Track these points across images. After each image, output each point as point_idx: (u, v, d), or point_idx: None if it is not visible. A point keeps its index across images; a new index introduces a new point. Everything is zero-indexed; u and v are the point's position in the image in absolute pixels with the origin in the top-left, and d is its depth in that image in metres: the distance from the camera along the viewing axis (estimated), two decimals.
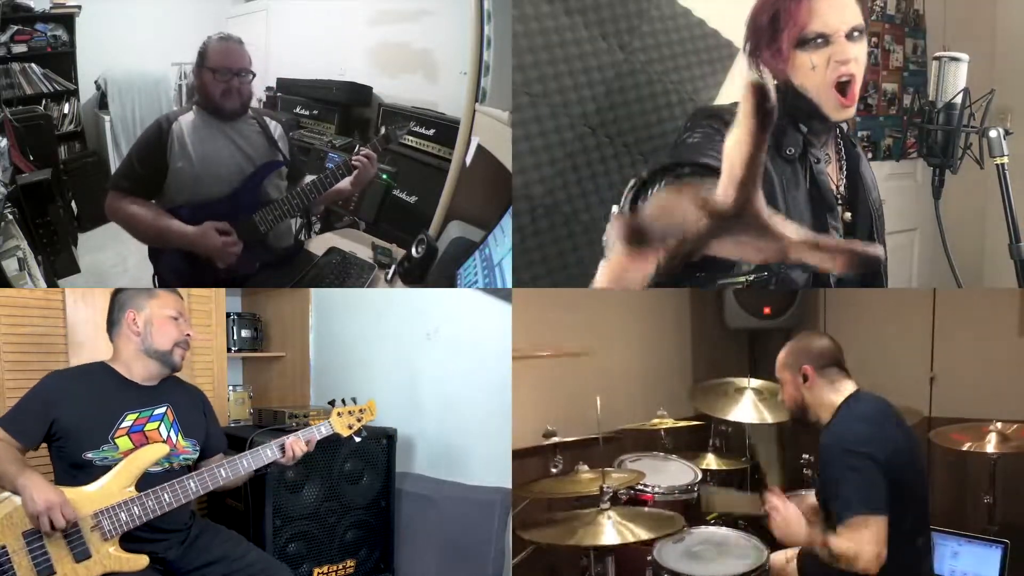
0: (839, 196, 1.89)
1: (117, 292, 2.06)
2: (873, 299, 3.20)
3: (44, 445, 1.90)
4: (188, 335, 2.04)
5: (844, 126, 1.96)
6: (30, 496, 1.69)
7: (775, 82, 1.73)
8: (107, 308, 2.04)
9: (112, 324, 2.03)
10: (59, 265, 3.46)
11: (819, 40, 1.72)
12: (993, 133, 1.94)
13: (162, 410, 1.99)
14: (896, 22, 3.46)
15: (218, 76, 2.48)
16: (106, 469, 1.84)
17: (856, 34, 1.74)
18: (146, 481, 1.86)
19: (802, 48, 1.74)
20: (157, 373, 2.02)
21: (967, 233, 3.17)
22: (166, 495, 1.86)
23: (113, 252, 3.53)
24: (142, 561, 1.84)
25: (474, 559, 2.61)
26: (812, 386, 1.91)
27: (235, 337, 3.29)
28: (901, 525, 1.72)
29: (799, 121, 1.82)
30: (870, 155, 3.44)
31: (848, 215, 1.90)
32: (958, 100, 1.96)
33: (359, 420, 2.20)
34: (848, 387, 1.90)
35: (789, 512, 1.82)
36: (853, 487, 1.69)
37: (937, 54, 2.01)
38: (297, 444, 2.05)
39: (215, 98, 2.51)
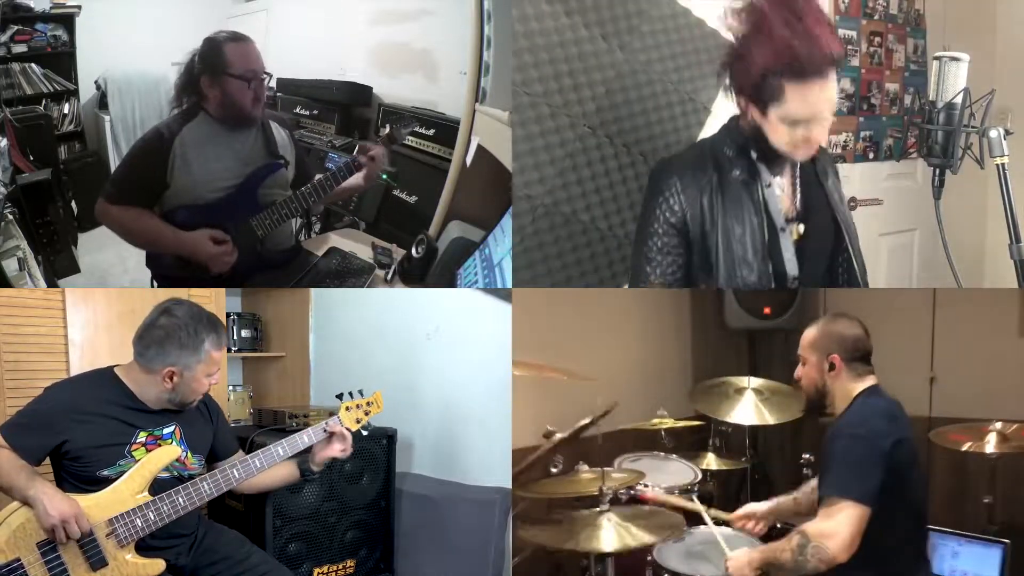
0: (794, 215, 1.98)
1: (160, 327, 1.88)
2: (873, 299, 3.19)
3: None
4: (215, 382, 1.98)
5: None
6: (44, 509, 1.67)
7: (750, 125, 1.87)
8: (144, 319, 1.91)
9: (141, 355, 1.90)
10: (59, 265, 3.47)
11: (800, 121, 1.81)
12: (993, 133, 1.94)
13: (170, 429, 1.95)
14: (898, 21, 3.46)
15: (252, 85, 2.36)
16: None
17: (832, 115, 1.84)
18: (156, 486, 1.85)
19: (783, 121, 1.82)
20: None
21: (967, 233, 3.17)
22: (181, 498, 1.84)
23: (113, 252, 3.52)
24: (159, 566, 1.83)
25: (474, 559, 2.61)
26: (838, 376, 1.86)
27: (235, 337, 3.29)
28: (895, 524, 1.72)
29: (751, 150, 1.93)
30: (871, 155, 3.44)
31: (801, 228, 1.98)
32: (958, 100, 1.96)
33: (366, 414, 2.15)
34: (869, 380, 1.86)
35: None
36: (851, 472, 1.69)
37: (937, 54, 2.01)
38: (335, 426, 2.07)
39: (245, 108, 2.39)
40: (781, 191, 1.98)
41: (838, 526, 1.64)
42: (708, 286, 1.95)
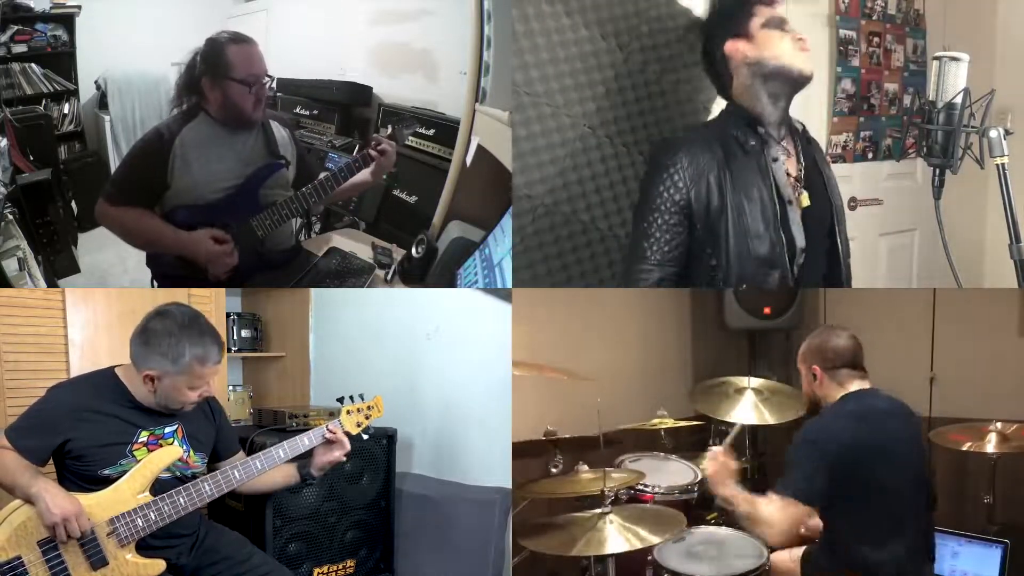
0: (799, 180, 2.05)
1: (148, 330, 1.86)
2: (873, 299, 3.20)
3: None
4: (207, 395, 1.94)
5: (800, 126, 2.14)
6: (46, 506, 1.67)
7: (749, 62, 2.00)
8: (136, 329, 1.89)
9: (130, 353, 1.89)
10: (59, 265, 3.47)
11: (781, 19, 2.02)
12: (993, 133, 1.94)
13: (172, 428, 1.95)
14: (896, 22, 3.46)
15: (253, 90, 2.36)
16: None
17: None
18: (157, 486, 1.85)
19: (768, 27, 2.00)
20: None
21: (967, 233, 3.17)
22: (182, 499, 1.85)
23: (113, 252, 3.53)
24: (159, 566, 1.83)
25: (474, 559, 2.61)
26: (821, 384, 1.98)
27: (235, 337, 3.29)
28: (864, 523, 1.77)
29: (757, 125, 2.01)
30: (870, 155, 3.44)
31: (806, 197, 2.04)
32: (958, 100, 1.96)
33: (367, 418, 2.18)
34: (853, 386, 1.93)
35: (723, 461, 2.00)
36: (792, 469, 1.83)
37: (937, 54, 2.01)
38: (336, 430, 2.08)
39: (246, 111, 2.39)
40: (787, 156, 2.03)
41: (774, 518, 1.80)
42: (714, 265, 1.96)
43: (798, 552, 2.03)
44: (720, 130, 2.02)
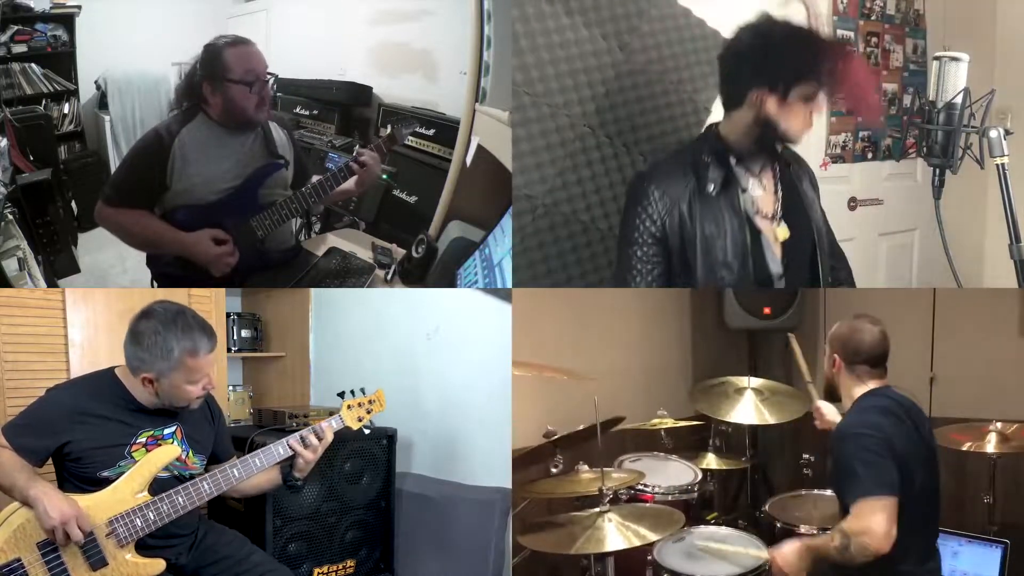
0: (776, 213, 2.01)
1: (136, 332, 1.85)
2: (873, 299, 3.19)
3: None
4: (209, 388, 1.93)
5: (778, 147, 2.08)
6: (44, 509, 1.66)
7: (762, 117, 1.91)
8: (126, 332, 1.88)
9: (125, 358, 1.88)
10: (59, 265, 3.47)
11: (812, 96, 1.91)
12: (993, 133, 1.94)
13: (172, 429, 1.94)
14: (896, 22, 3.46)
15: (254, 89, 2.35)
16: None
17: None
18: (156, 486, 1.85)
19: (801, 99, 1.90)
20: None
21: (967, 233, 3.17)
22: (180, 498, 1.84)
23: (113, 252, 3.53)
24: (159, 565, 1.83)
25: (474, 559, 2.61)
26: (839, 374, 1.95)
27: (235, 337, 3.29)
28: (905, 518, 1.73)
29: (729, 157, 1.96)
30: (870, 155, 3.44)
31: (784, 232, 2.01)
32: (958, 100, 1.96)
33: (368, 412, 2.15)
34: (871, 384, 1.91)
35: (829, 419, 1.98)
36: (863, 469, 1.72)
37: (937, 54, 2.01)
38: (310, 436, 2.04)
39: (248, 112, 2.38)
40: (763, 190, 2.01)
41: (870, 523, 1.67)
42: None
43: (800, 544, 1.99)
44: (695, 157, 2.00)
